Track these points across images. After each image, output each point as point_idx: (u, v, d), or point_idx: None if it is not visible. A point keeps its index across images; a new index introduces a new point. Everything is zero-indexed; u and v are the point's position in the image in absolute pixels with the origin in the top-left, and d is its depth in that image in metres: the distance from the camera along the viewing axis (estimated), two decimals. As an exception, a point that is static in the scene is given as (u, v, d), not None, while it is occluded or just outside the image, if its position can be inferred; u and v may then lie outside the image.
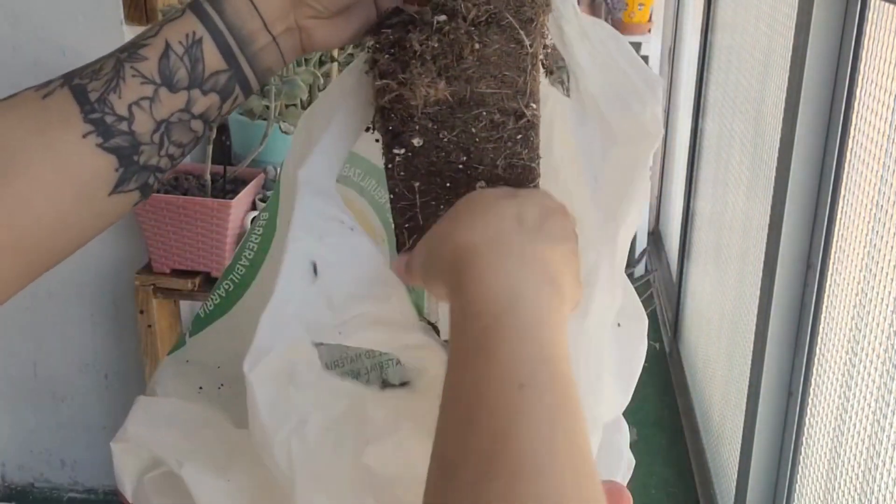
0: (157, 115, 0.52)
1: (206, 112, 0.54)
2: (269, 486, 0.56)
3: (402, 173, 0.57)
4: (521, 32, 0.55)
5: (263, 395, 0.54)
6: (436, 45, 0.54)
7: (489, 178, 0.56)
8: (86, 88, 0.51)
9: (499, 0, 0.55)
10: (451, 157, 0.56)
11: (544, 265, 0.47)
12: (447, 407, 0.41)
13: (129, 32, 1.65)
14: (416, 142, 0.56)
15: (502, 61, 0.55)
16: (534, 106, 0.56)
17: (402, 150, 0.56)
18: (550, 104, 0.63)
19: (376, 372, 0.68)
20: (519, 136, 0.56)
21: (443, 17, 0.54)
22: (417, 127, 0.56)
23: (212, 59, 0.53)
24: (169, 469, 0.60)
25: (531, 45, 0.55)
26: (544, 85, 0.60)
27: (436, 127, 0.56)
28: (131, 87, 0.51)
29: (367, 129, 0.62)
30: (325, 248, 0.57)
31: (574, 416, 0.40)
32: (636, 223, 0.58)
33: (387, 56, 0.55)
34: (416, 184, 0.57)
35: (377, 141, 0.60)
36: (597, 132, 0.59)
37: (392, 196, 0.58)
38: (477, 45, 0.54)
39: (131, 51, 0.52)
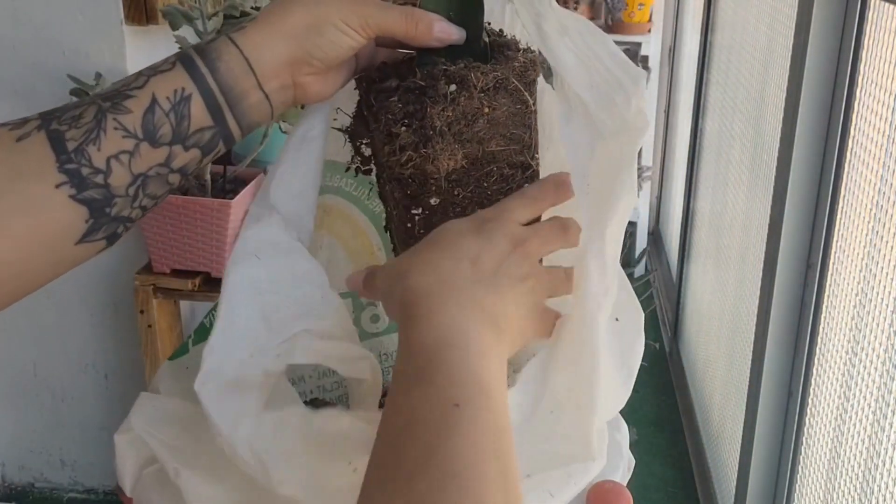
0: (135, 168, 0.50)
1: (185, 166, 0.53)
2: (262, 495, 0.56)
3: (421, 231, 0.59)
4: (526, 94, 0.58)
5: (214, 409, 0.55)
6: (450, 114, 0.56)
7: None
8: (63, 136, 0.49)
9: (505, 67, 0.58)
10: (467, 211, 0.59)
11: (487, 312, 0.48)
12: (386, 420, 0.44)
13: (129, 32, 1.65)
14: (434, 201, 0.58)
15: (510, 121, 0.58)
16: (537, 157, 0.60)
17: (420, 210, 0.59)
18: (547, 100, 0.64)
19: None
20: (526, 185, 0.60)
21: (454, 87, 0.56)
22: (434, 188, 0.58)
23: (198, 116, 0.52)
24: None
25: (534, 104, 0.59)
26: (540, 82, 0.62)
27: (451, 186, 0.58)
28: (112, 139, 0.50)
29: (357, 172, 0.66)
30: (263, 270, 0.59)
31: (504, 438, 0.43)
32: (626, 216, 0.58)
33: (403, 128, 0.57)
34: None
35: (387, 195, 0.63)
36: (583, 128, 0.59)
37: None
38: (487, 110, 0.57)
39: (115, 101, 0.50)
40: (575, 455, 0.56)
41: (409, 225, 0.59)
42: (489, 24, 0.62)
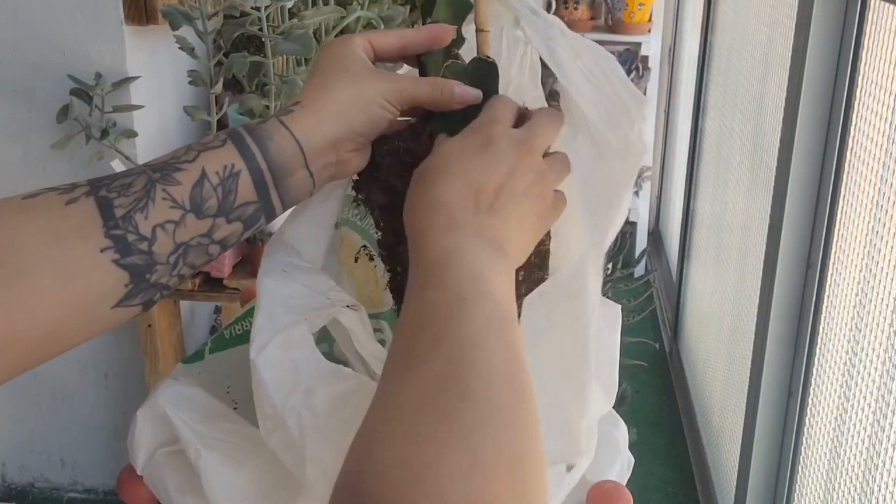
0: (178, 238, 0.52)
1: (226, 238, 0.54)
2: (282, 483, 0.57)
3: None
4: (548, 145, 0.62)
5: (270, 376, 0.56)
6: None
7: (525, 267, 0.63)
8: (112, 203, 0.50)
9: None
10: None
11: (490, 238, 0.52)
12: (400, 322, 0.48)
13: (129, 32, 1.65)
14: None
15: None
16: None
17: None
18: None
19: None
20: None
21: None
22: None
23: (245, 191, 0.54)
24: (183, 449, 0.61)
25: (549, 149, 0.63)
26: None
27: None
28: (160, 209, 0.51)
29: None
30: (292, 281, 0.62)
31: (509, 327, 0.48)
32: (617, 231, 0.63)
33: None
34: None
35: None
36: (587, 146, 0.63)
37: None
38: None
39: (165, 172, 0.52)
40: (562, 453, 0.57)
41: None
42: None
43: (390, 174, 0.62)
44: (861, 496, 1.24)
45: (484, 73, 0.62)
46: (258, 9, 1.43)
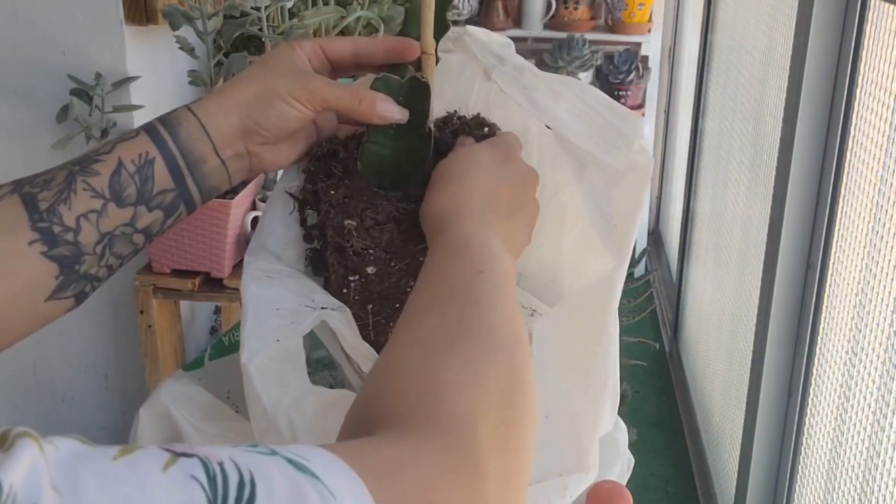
0: (102, 227, 0.54)
1: (148, 227, 0.56)
2: None
3: (356, 297, 0.63)
4: None
5: (261, 381, 0.57)
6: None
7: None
8: (36, 197, 0.52)
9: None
10: (400, 283, 0.63)
11: (503, 237, 0.57)
12: (421, 285, 0.52)
13: (129, 32, 1.65)
14: (370, 270, 0.62)
15: None
16: None
17: (357, 277, 0.62)
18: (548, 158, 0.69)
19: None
20: None
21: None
22: (372, 258, 0.62)
23: (161, 178, 0.56)
24: None
25: None
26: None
27: (388, 257, 0.62)
28: (81, 199, 0.53)
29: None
30: (277, 285, 0.63)
31: (511, 297, 0.53)
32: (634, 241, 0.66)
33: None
34: (370, 306, 0.63)
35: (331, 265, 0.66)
36: (597, 176, 0.65)
37: None
38: None
39: (84, 164, 0.54)
40: (569, 465, 0.58)
41: (344, 291, 0.63)
42: (456, 110, 0.66)
43: (306, 177, 0.63)
44: (861, 496, 1.24)
45: (416, 93, 0.61)
46: (258, 9, 1.43)
